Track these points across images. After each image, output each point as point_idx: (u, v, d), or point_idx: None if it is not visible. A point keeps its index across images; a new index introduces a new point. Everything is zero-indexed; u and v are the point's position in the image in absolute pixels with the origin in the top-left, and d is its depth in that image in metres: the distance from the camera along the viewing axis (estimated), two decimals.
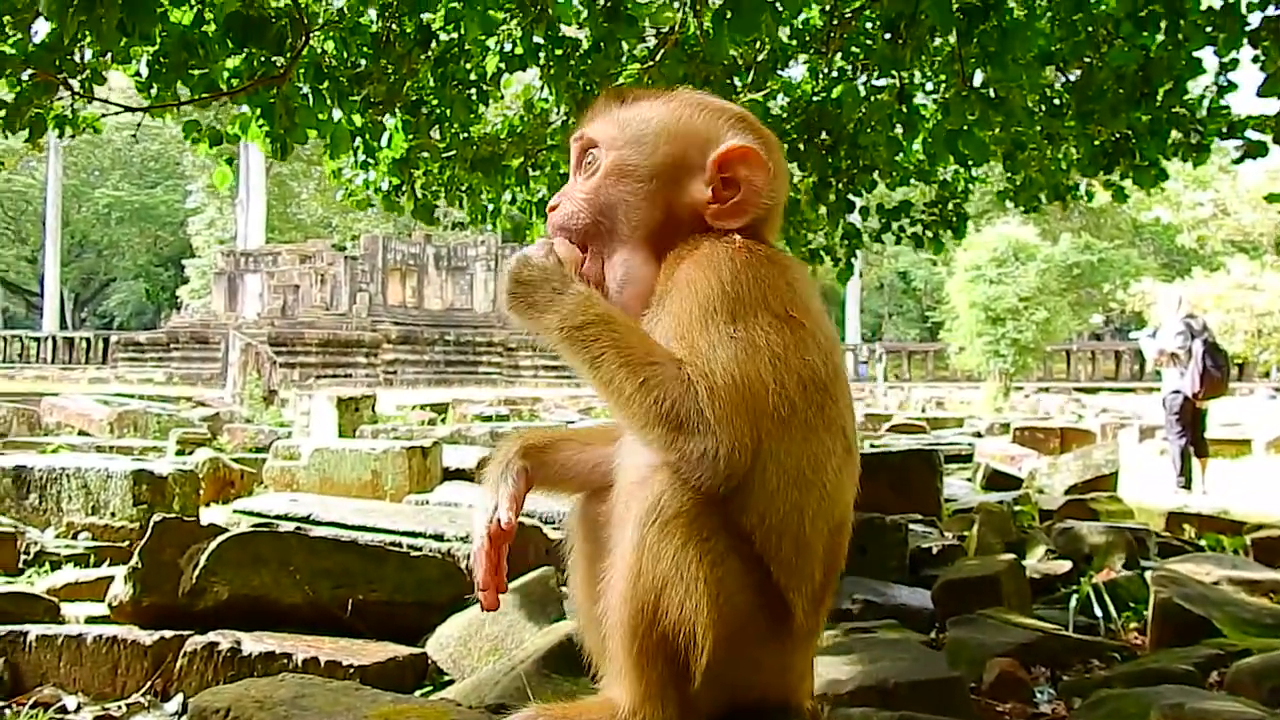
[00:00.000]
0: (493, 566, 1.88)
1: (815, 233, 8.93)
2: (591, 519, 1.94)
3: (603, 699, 1.78)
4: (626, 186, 1.92)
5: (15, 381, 36.01)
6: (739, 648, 1.72)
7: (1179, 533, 7.58)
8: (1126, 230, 59.83)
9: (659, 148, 1.93)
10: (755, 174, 1.89)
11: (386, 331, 42.34)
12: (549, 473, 1.97)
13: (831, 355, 1.81)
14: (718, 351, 1.68)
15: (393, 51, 6.38)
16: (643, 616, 1.66)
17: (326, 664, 3.85)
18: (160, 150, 69.34)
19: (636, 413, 1.68)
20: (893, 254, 61.02)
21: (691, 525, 1.66)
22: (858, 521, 5.48)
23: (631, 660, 1.69)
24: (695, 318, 1.72)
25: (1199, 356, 11.96)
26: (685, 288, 1.76)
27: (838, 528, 1.82)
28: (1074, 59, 6.89)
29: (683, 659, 1.66)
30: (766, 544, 1.72)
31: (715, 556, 1.67)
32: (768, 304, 1.74)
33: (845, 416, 1.82)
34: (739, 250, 1.81)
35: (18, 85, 5.31)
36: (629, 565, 1.67)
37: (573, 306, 1.74)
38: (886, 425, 19.94)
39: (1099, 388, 38.85)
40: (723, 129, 1.93)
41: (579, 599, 1.98)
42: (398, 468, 8.89)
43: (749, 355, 1.69)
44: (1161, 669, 3.65)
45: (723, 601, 1.66)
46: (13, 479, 7.23)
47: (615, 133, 1.96)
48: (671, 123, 1.94)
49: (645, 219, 1.91)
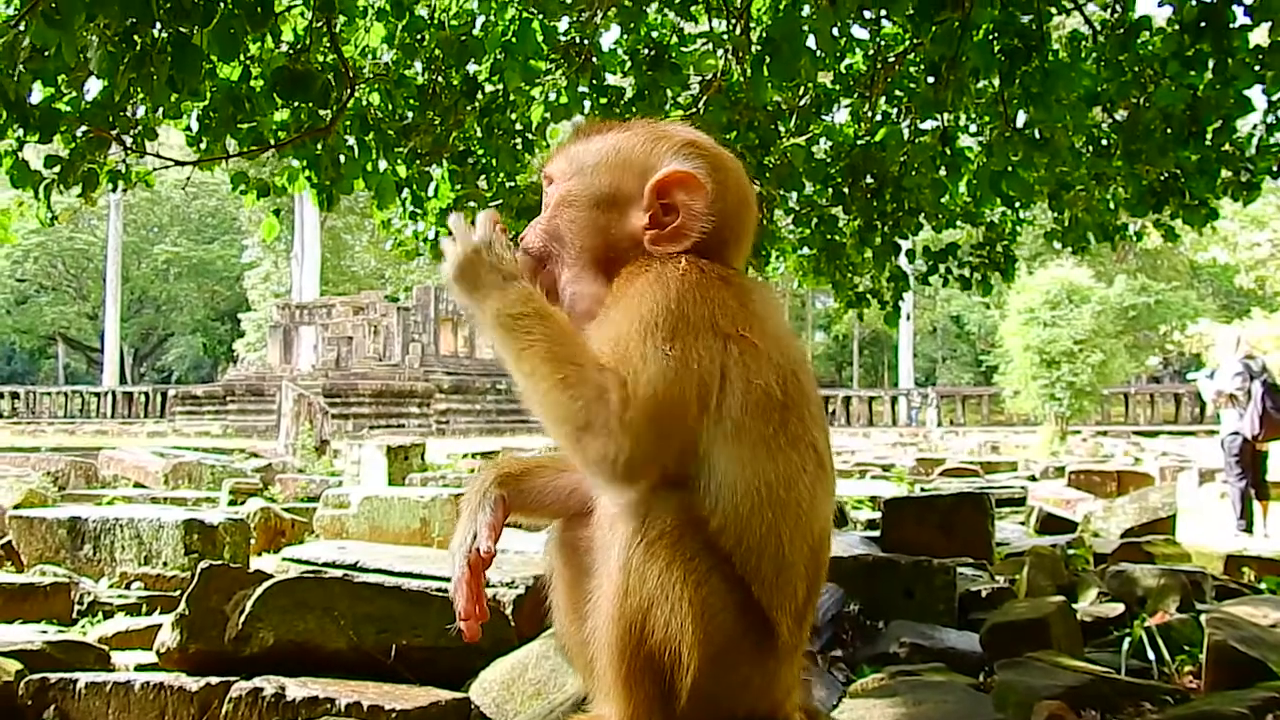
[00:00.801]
0: (474, 595, 1.89)
1: (862, 276, 8.91)
2: (570, 544, 1.96)
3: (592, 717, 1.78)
4: (569, 215, 1.99)
5: (75, 436, 36.58)
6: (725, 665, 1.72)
7: (1237, 576, 7.43)
8: (1183, 271, 59.14)
9: (599, 177, 1.99)
10: (693, 199, 1.91)
11: (439, 381, 42.59)
12: (526, 500, 1.99)
13: (795, 374, 1.81)
14: (648, 365, 1.70)
15: (438, 103, 6.48)
16: (630, 636, 1.66)
17: (370, 709, 3.85)
18: (217, 206, 70.46)
19: (549, 407, 1.73)
20: (945, 297, 60.68)
21: (675, 546, 1.67)
22: (906, 565, 5.43)
23: (620, 679, 1.69)
24: (634, 331, 1.75)
25: (1258, 398, 11.77)
26: (631, 300, 1.80)
27: (818, 544, 1.82)
28: (1120, 99, 6.86)
29: (670, 677, 1.67)
30: (746, 564, 1.72)
31: (699, 576, 1.67)
32: (714, 325, 1.76)
33: (814, 433, 1.82)
34: (689, 271, 1.83)
35: (72, 141, 5.44)
36: (615, 586, 1.68)
37: (514, 297, 1.80)
38: (939, 469, 19.77)
39: (1158, 431, 38.26)
40: (663, 155, 1.96)
41: (563, 622, 1.98)
42: (446, 515, 8.91)
43: (677, 374, 1.70)
44: (1214, 711, 3.57)
45: (707, 620, 1.67)
46: (68, 530, 7.34)
47: (565, 166, 2.04)
48: (611, 153, 2.00)
49: (588, 245, 1.97)
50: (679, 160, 1.94)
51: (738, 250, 1.98)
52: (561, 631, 2.01)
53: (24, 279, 67.80)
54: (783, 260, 9.00)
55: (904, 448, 29.82)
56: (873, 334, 64.69)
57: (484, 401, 43.53)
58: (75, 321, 70.11)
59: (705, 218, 1.92)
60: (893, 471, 18.87)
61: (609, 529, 1.76)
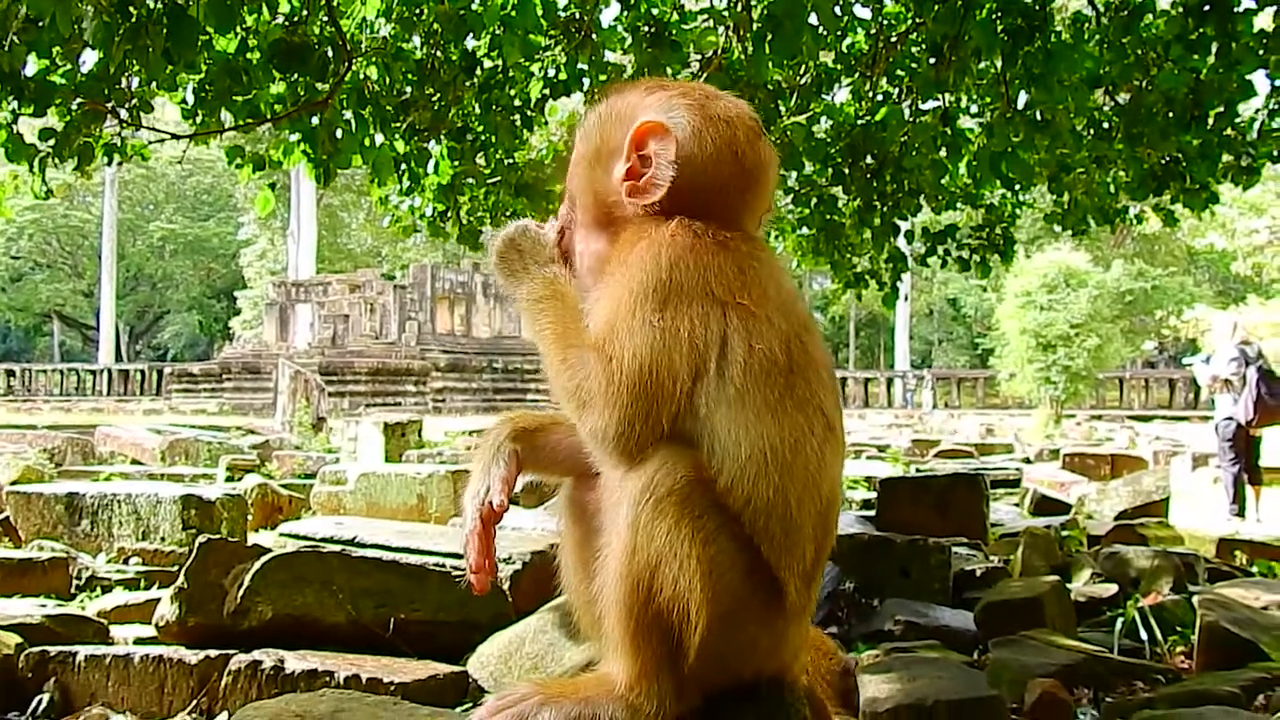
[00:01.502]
0: (485, 548, 1.89)
1: (860, 256, 8.91)
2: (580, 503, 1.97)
3: (599, 675, 1.79)
4: (574, 175, 2.05)
5: (71, 414, 36.54)
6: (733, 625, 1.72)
7: (1230, 559, 7.46)
8: (1181, 257, 59.14)
9: (592, 135, 2.02)
10: (664, 147, 1.89)
11: (435, 359, 42.56)
12: (539, 456, 1.99)
13: (798, 337, 1.81)
14: (634, 337, 1.73)
15: (437, 78, 6.45)
16: (638, 594, 1.66)
17: (368, 681, 3.86)
18: (213, 183, 70.27)
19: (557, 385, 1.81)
20: (942, 280, 60.67)
21: (683, 504, 1.67)
22: (902, 544, 5.44)
23: (627, 637, 1.70)
24: (624, 303, 1.77)
25: (1253, 383, 11.80)
26: (626, 270, 1.81)
27: (826, 507, 1.82)
28: (1123, 82, 6.84)
29: (677, 636, 1.67)
30: (755, 524, 1.73)
31: (707, 535, 1.68)
32: (709, 291, 1.76)
33: (822, 396, 1.82)
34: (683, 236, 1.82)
35: (67, 114, 5.41)
36: (624, 543, 1.68)
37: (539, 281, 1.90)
38: (934, 451, 19.79)
39: (1153, 415, 38.32)
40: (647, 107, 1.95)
41: (571, 579, 1.99)
42: (443, 491, 8.92)
43: (665, 344, 1.72)
44: (1206, 691, 3.59)
45: (715, 578, 1.67)
46: (65, 505, 7.34)
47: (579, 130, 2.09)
48: (605, 110, 2.02)
49: (588, 203, 2.00)
50: (659, 111, 1.92)
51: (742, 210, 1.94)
52: (570, 590, 2.02)
53: (19, 256, 67.62)
54: (781, 240, 8.99)
55: (899, 429, 29.86)
56: (869, 315, 64.70)
57: (480, 380, 43.53)
58: (70, 299, 69.95)
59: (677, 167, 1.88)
60: (888, 452, 18.90)
61: (617, 487, 1.77)
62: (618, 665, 1.73)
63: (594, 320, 1.82)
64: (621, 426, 1.71)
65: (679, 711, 1.71)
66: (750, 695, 1.80)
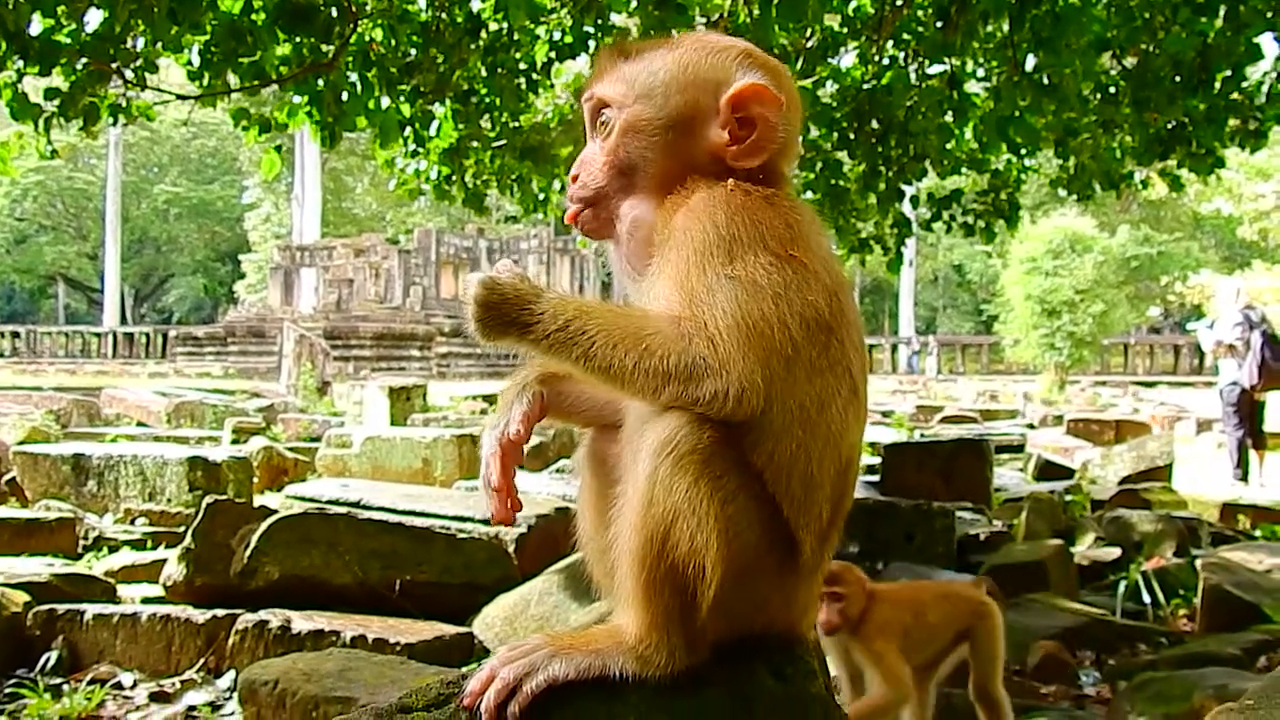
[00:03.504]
0: (504, 472, 1.89)
1: (865, 221, 8.88)
2: (600, 454, 1.96)
3: (609, 627, 1.79)
4: (643, 142, 1.92)
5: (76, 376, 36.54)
6: (747, 582, 1.73)
7: (1233, 523, 7.49)
8: (1186, 223, 58.88)
9: (670, 98, 1.92)
10: (769, 110, 1.88)
11: (440, 324, 42.54)
12: (563, 402, 1.98)
13: (837, 295, 1.80)
14: (716, 296, 1.68)
15: (442, 40, 6.42)
16: (652, 547, 1.66)
17: (374, 641, 3.90)
18: (217, 146, 70.04)
19: (645, 381, 1.68)
20: (947, 246, 60.49)
21: (705, 462, 1.67)
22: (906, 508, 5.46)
23: (640, 589, 1.70)
24: (692, 264, 1.72)
25: (1257, 348, 11.77)
26: (681, 235, 1.77)
27: (845, 467, 1.82)
28: (1130, 45, 6.80)
29: (691, 591, 1.67)
30: (776, 481, 1.73)
31: (727, 494, 1.67)
32: (765, 244, 1.74)
33: (851, 358, 1.81)
34: (733, 193, 1.80)
35: (73, 74, 5.40)
36: (641, 495, 1.68)
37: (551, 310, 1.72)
38: (938, 416, 19.80)
39: (1157, 381, 38.26)
40: (732, 69, 1.92)
41: (587, 529, 1.99)
42: (448, 455, 8.95)
43: (750, 295, 1.69)
44: (1209, 653, 3.62)
45: (732, 537, 1.67)
46: (72, 466, 7.38)
47: (625, 89, 1.95)
48: (679, 71, 1.94)
49: (664, 170, 1.90)
50: (749, 72, 1.91)
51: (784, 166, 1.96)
52: (585, 541, 2.02)
53: (23, 218, 67.54)
54: None
55: (904, 395, 29.86)
56: (874, 281, 64.53)
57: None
58: (75, 261, 69.92)
59: (781, 128, 1.90)
60: (893, 418, 18.92)
61: (637, 438, 1.76)
62: (629, 617, 1.74)
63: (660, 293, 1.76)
64: (742, 383, 1.65)
65: (688, 664, 1.73)
66: (760, 649, 1.81)
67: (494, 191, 8.36)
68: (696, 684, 1.72)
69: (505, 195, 8.46)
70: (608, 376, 1.71)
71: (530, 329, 1.73)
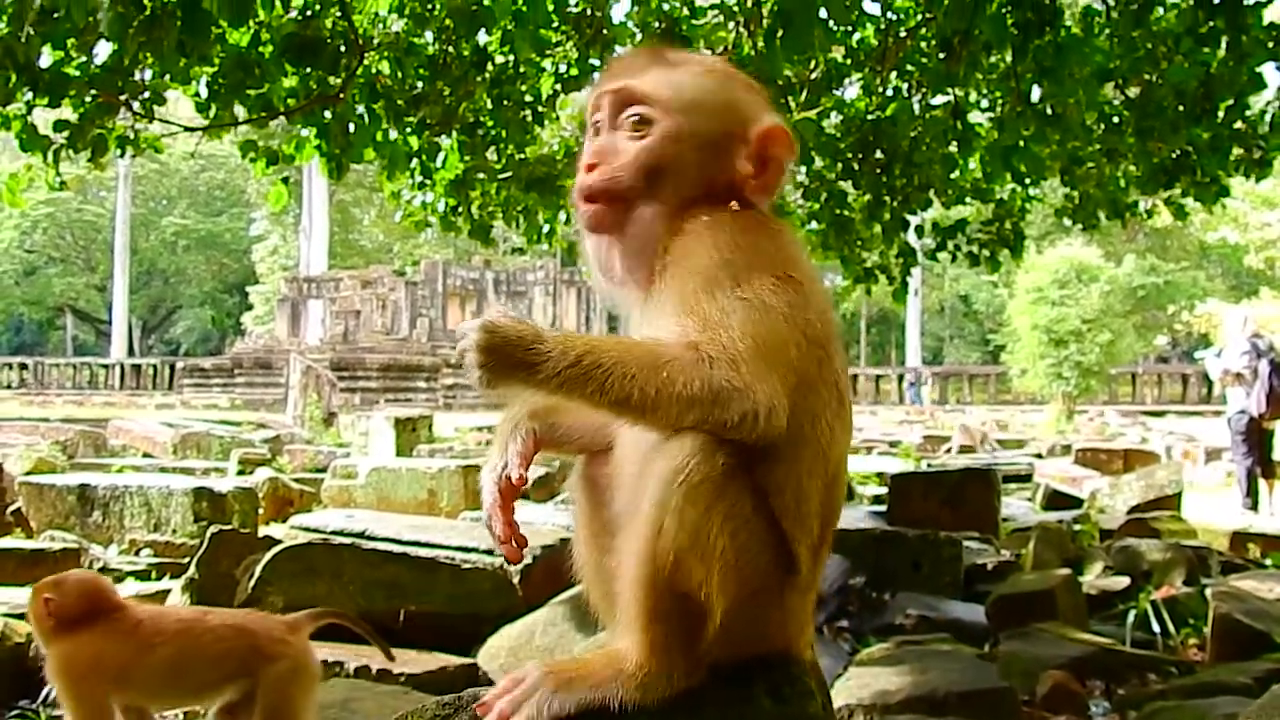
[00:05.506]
0: (507, 519, 1.90)
1: (870, 251, 8.89)
2: (593, 477, 1.97)
3: (609, 652, 1.78)
4: (682, 153, 1.91)
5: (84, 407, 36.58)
6: (750, 605, 1.73)
7: (1243, 552, 7.46)
8: (1193, 251, 58.88)
9: (714, 118, 1.93)
10: (786, 155, 1.95)
11: (446, 356, 42.56)
12: (555, 434, 1.99)
13: (826, 313, 1.83)
14: (730, 318, 1.69)
15: (449, 73, 6.46)
16: (660, 575, 1.66)
17: (378, 672, 3.88)
18: (226, 179, 70.36)
19: (669, 410, 1.67)
20: (954, 276, 60.55)
21: (717, 491, 1.66)
22: (913, 538, 5.45)
23: (645, 616, 1.69)
24: (701, 289, 1.73)
25: (1265, 376, 11.76)
26: (685, 261, 1.78)
27: (832, 480, 1.83)
28: (1133, 75, 6.82)
29: (697, 617, 1.68)
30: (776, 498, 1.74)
31: (738, 523, 1.68)
32: (766, 266, 1.77)
33: (839, 371, 1.84)
34: (735, 217, 1.84)
35: (81, 106, 5.43)
36: (650, 523, 1.67)
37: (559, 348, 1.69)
38: (945, 446, 19.76)
39: (1165, 410, 38.15)
40: (761, 107, 1.97)
41: (583, 553, 2.00)
42: (453, 486, 8.94)
43: (762, 314, 1.71)
44: (1219, 682, 3.59)
45: (742, 564, 1.68)
46: (77, 497, 7.38)
47: (670, 94, 1.93)
48: (724, 94, 1.95)
49: (691, 185, 1.90)
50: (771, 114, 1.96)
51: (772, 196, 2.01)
52: (581, 561, 2.02)
53: (32, 250, 67.83)
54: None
55: (910, 425, 29.83)
56: (880, 312, 64.54)
57: None
58: (84, 293, 70.15)
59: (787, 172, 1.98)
60: (900, 447, 18.88)
61: (641, 462, 1.76)
62: (630, 641, 1.73)
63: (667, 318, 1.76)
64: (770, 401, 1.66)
65: (687, 686, 1.72)
66: (757, 669, 1.81)
67: (500, 223, 8.39)
68: (694, 706, 1.72)
69: (511, 226, 8.49)
70: (626, 408, 1.69)
71: (537, 369, 1.69)
